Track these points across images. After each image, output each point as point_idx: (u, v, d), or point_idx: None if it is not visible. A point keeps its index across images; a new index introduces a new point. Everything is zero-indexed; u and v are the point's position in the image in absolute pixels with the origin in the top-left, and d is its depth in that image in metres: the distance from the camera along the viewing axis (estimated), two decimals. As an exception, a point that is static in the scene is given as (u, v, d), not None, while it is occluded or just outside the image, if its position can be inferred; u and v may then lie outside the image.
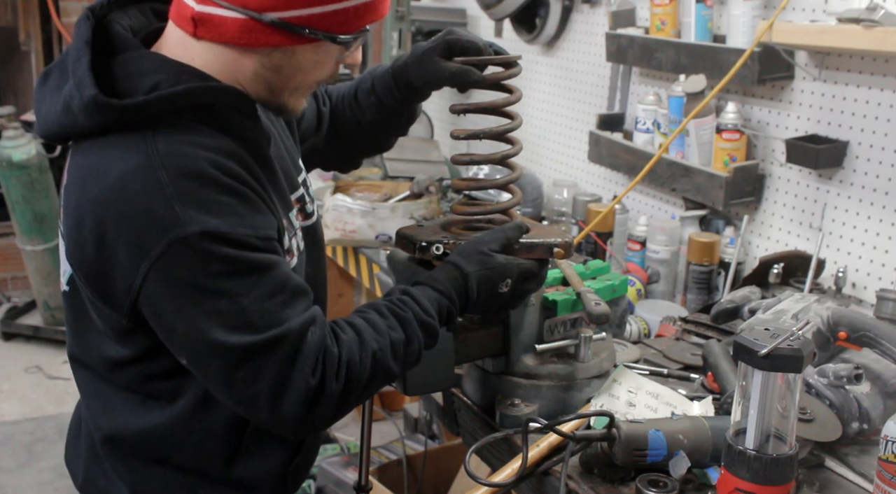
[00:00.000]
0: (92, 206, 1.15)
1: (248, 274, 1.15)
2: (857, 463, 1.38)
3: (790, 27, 2.06)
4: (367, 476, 1.57)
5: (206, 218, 1.12)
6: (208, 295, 1.13)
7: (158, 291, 1.14)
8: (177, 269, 1.12)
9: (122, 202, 1.13)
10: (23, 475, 3.58)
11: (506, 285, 1.34)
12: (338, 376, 1.18)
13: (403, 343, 1.24)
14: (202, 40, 1.20)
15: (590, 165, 3.01)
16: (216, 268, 1.13)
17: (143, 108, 1.16)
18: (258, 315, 1.14)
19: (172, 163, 1.13)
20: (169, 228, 1.11)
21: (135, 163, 1.13)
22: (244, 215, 1.16)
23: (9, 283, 5.33)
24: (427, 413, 3.27)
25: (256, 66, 1.22)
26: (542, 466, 1.38)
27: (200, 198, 1.13)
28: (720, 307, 1.75)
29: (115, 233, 1.14)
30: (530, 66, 3.41)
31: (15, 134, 4.36)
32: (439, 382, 1.45)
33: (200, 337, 1.14)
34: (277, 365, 1.15)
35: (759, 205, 2.36)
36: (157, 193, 1.12)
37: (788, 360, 1.12)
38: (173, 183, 1.12)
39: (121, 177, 1.13)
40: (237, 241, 1.14)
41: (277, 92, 1.27)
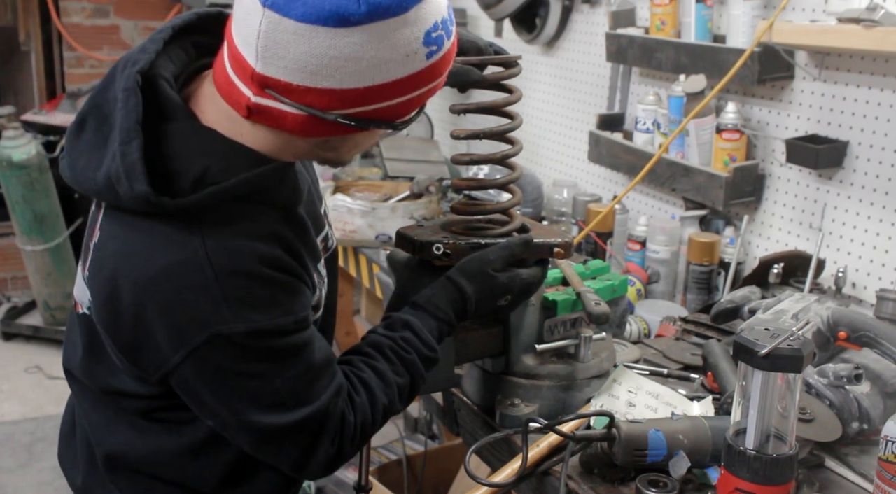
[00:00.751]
0: (132, 287, 1.14)
1: (283, 357, 1.18)
2: (857, 463, 1.38)
3: (790, 27, 2.06)
4: (367, 476, 1.57)
5: (251, 315, 1.13)
6: (243, 378, 1.16)
7: (193, 375, 1.16)
8: (215, 357, 1.14)
9: (167, 293, 1.12)
10: (23, 475, 3.58)
11: (505, 300, 1.37)
12: (353, 440, 1.24)
13: (409, 386, 1.29)
14: (256, 124, 1.17)
15: (590, 165, 3.01)
16: (254, 356, 1.16)
17: (193, 207, 1.13)
18: (289, 394, 1.18)
19: (220, 260, 1.13)
20: (213, 323, 1.12)
21: (181, 258, 1.12)
22: (284, 303, 1.17)
23: (9, 283, 5.33)
24: (427, 413, 3.27)
25: (312, 148, 1.22)
26: (542, 466, 1.38)
27: (246, 296, 1.13)
28: (720, 307, 1.75)
29: (155, 317, 1.13)
30: (530, 66, 3.41)
31: (15, 134, 4.36)
32: (439, 382, 1.45)
33: (232, 415, 1.18)
34: (304, 441, 1.20)
35: (759, 205, 2.36)
36: (203, 291, 1.12)
37: (788, 360, 1.12)
38: (220, 280, 1.12)
39: (165, 269, 1.12)
40: (276, 331, 1.16)
41: (332, 161, 1.29)
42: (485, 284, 1.34)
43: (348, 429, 1.23)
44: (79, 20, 5.16)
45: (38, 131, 4.67)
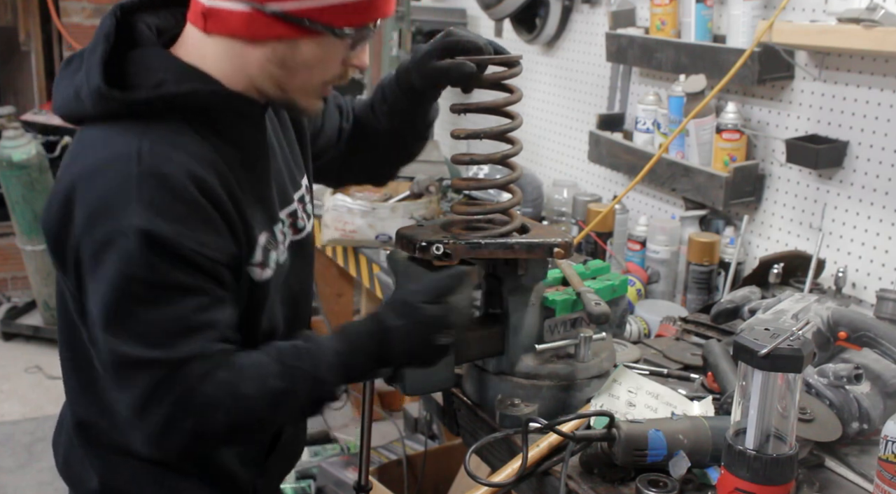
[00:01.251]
0: (70, 178, 1.20)
1: (169, 289, 1.17)
2: (857, 463, 1.38)
3: (790, 27, 2.06)
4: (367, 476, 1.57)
5: (156, 219, 1.15)
6: (122, 294, 1.16)
7: (89, 271, 1.18)
8: (110, 258, 1.16)
9: (93, 182, 1.18)
10: (23, 475, 3.58)
11: (444, 335, 1.28)
12: (191, 412, 1.17)
13: (284, 393, 1.21)
14: (212, 35, 1.24)
15: (590, 165, 3.01)
16: (141, 272, 1.15)
17: (143, 104, 1.21)
18: (153, 331, 1.16)
19: (151, 161, 1.17)
20: (120, 219, 1.15)
21: (117, 152, 1.19)
22: (196, 229, 1.18)
23: (9, 283, 5.33)
24: (427, 413, 3.27)
25: (262, 61, 1.24)
26: (542, 466, 1.38)
27: (158, 201, 1.16)
28: (720, 307, 1.75)
29: (78, 206, 1.18)
30: (530, 65, 3.41)
31: (15, 134, 4.36)
32: (439, 382, 1.45)
33: (101, 325, 1.18)
34: (144, 386, 1.16)
35: (759, 205, 2.36)
36: (123, 185, 1.16)
37: (788, 360, 1.12)
38: (140, 178, 1.16)
39: (102, 160, 1.19)
40: (175, 251, 1.16)
41: (286, 89, 1.28)
42: (413, 318, 1.26)
43: (193, 398, 1.17)
44: (79, 20, 5.16)
45: (38, 131, 4.67)
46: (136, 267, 1.15)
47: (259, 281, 1.31)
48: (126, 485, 1.37)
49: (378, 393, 3.65)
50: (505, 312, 1.48)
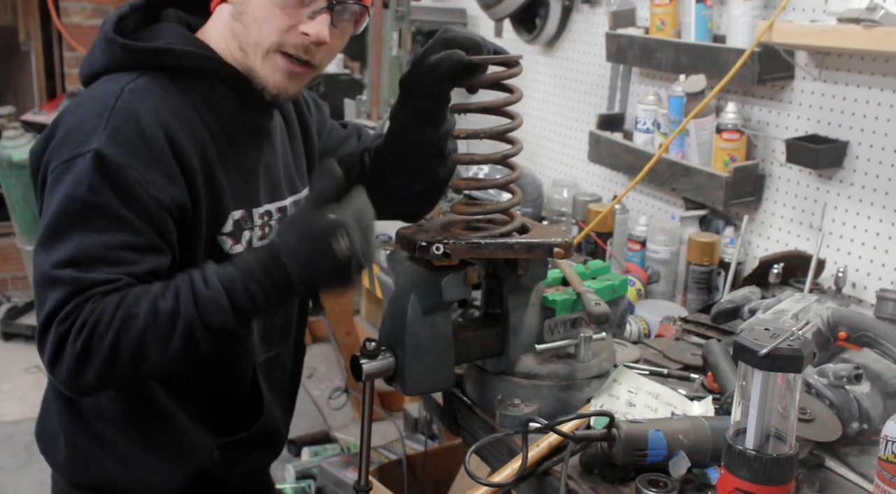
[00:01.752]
0: (61, 112, 1.31)
1: (103, 216, 1.21)
2: (857, 463, 1.38)
3: (790, 27, 2.06)
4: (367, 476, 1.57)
5: (112, 146, 1.22)
6: (62, 212, 1.21)
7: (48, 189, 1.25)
8: (65, 179, 1.22)
9: (75, 113, 1.28)
10: (23, 475, 3.58)
11: (341, 237, 1.20)
12: (79, 332, 1.17)
13: (169, 312, 1.18)
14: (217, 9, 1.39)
15: (590, 165, 3.01)
16: (83, 192, 1.20)
17: (140, 51, 1.32)
18: (76, 253, 1.20)
19: (128, 98, 1.27)
20: (83, 143, 1.23)
21: (105, 91, 1.29)
22: (147, 167, 1.24)
23: (9, 283, 5.33)
24: (427, 413, 3.27)
25: (228, 17, 1.35)
26: (542, 466, 1.38)
27: (121, 131, 1.23)
28: (720, 307, 1.75)
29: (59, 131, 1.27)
30: (530, 65, 3.41)
31: (15, 134, 4.36)
32: (439, 382, 1.45)
33: (38, 241, 1.23)
34: (51, 304, 1.19)
35: (759, 205, 2.36)
36: (97, 115, 1.25)
37: (788, 360, 1.12)
38: (113, 112, 1.24)
39: (89, 97, 1.30)
40: (120, 180, 1.21)
41: (246, 50, 1.34)
42: (294, 227, 1.23)
43: (81, 317, 1.17)
44: (79, 20, 5.17)
45: (38, 131, 4.68)
46: (81, 187, 1.21)
47: (230, 253, 1.37)
48: (88, 445, 1.41)
49: (378, 393, 3.65)
50: (505, 312, 1.48)
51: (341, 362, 4.22)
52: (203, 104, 1.35)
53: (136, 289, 1.21)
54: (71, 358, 1.18)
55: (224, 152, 1.36)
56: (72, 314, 1.18)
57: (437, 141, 1.57)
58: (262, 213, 1.43)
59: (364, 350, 1.40)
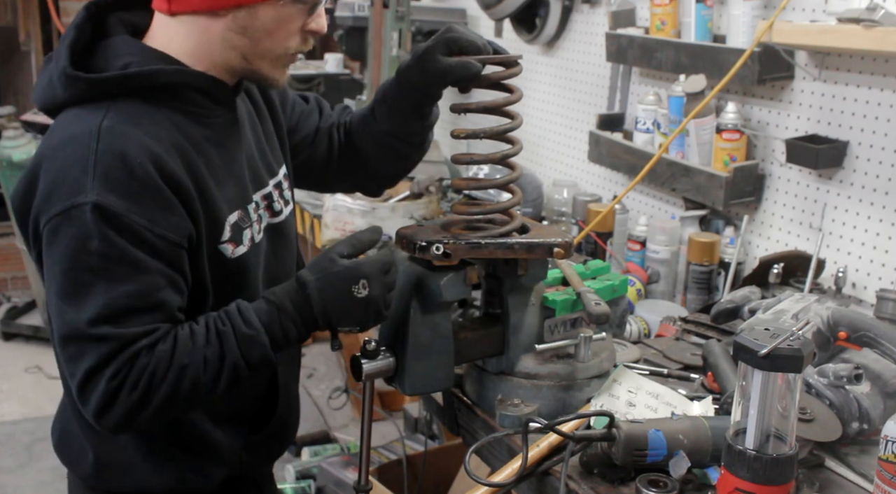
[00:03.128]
0: (37, 156, 1.26)
1: (120, 265, 1.20)
2: (857, 463, 1.38)
3: (790, 27, 2.06)
4: (367, 476, 1.57)
5: (108, 194, 1.19)
6: (77, 267, 1.19)
7: (46, 244, 1.23)
8: (65, 232, 1.20)
9: (55, 160, 1.23)
10: (23, 475, 3.58)
11: (363, 287, 1.30)
12: (136, 386, 1.21)
13: (217, 357, 1.25)
14: (177, 16, 1.30)
15: (590, 165, 3.01)
16: (94, 245, 1.19)
17: (107, 82, 1.26)
18: (105, 307, 1.19)
19: (108, 138, 1.22)
20: (75, 193, 1.19)
21: (80, 130, 1.23)
22: (147, 206, 1.21)
23: (9, 283, 5.33)
24: (427, 413, 3.27)
25: (225, 32, 1.29)
26: (542, 466, 1.38)
27: (112, 176, 1.20)
28: (720, 307, 1.75)
29: (40, 182, 1.23)
30: (530, 66, 3.41)
31: (15, 134, 4.37)
32: (439, 382, 1.45)
33: (56, 297, 1.22)
34: (92, 361, 1.19)
35: (759, 205, 2.36)
36: (81, 161, 1.20)
37: (788, 360, 1.12)
38: (97, 155, 1.20)
39: (65, 139, 1.24)
40: (126, 227, 1.19)
41: (250, 58, 1.32)
42: (324, 270, 1.30)
43: (136, 370, 1.20)
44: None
45: (38, 131, 4.68)
46: (91, 240, 1.19)
47: (233, 257, 1.36)
48: (118, 456, 1.40)
49: (378, 393, 3.65)
50: (505, 312, 1.48)
51: (341, 362, 4.22)
52: (181, 116, 1.31)
53: (181, 336, 1.24)
54: (125, 408, 1.21)
55: (212, 160, 1.34)
56: (122, 370, 1.20)
57: (422, 132, 1.60)
58: (255, 206, 1.42)
59: (364, 350, 1.40)
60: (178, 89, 1.30)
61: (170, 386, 1.23)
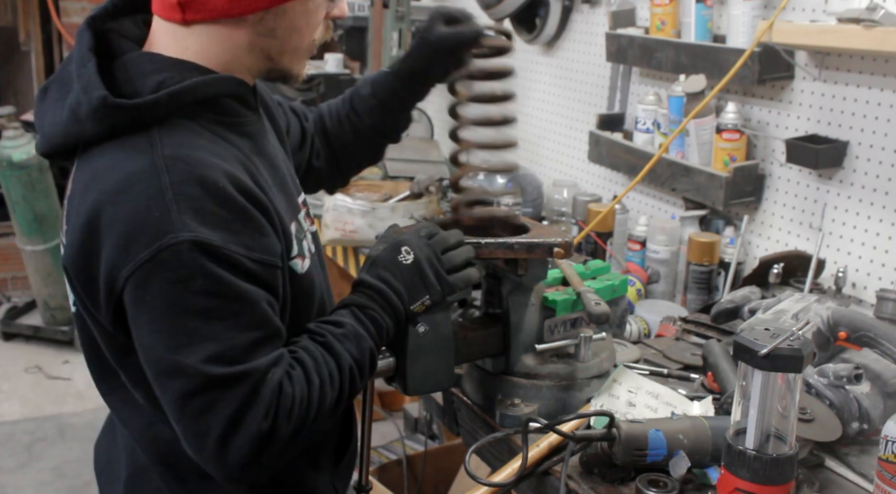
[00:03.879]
0: (89, 207, 1.11)
1: (231, 300, 1.11)
2: (857, 463, 1.38)
3: (790, 27, 2.06)
4: (367, 476, 1.57)
5: (201, 228, 1.08)
6: (184, 312, 1.09)
7: (136, 298, 1.10)
8: (159, 277, 1.08)
9: (121, 203, 1.09)
10: (23, 475, 3.58)
11: (406, 253, 1.31)
12: (289, 418, 1.14)
13: (336, 368, 1.22)
14: (192, 25, 1.19)
15: (590, 165, 3.01)
16: (199, 285, 1.08)
17: (154, 107, 1.14)
18: (229, 346, 1.10)
19: (177, 167, 1.10)
20: (161, 234, 1.07)
21: (140, 166, 1.11)
22: (241, 233, 1.12)
23: (9, 283, 5.33)
24: (427, 413, 3.27)
25: (251, 37, 1.22)
26: (542, 466, 1.38)
27: (199, 207, 1.09)
28: (720, 307, 1.75)
29: (105, 232, 1.10)
30: (530, 66, 3.41)
31: (15, 134, 4.36)
32: (439, 382, 1.45)
33: (166, 352, 1.09)
34: (235, 404, 1.10)
35: (759, 205, 2.36)
36: (156, 197, 1.08)
37: (788, 360, 1.12)
38: (174, 188, 1.09)
39: (123, 179, 1.10)
40: (227, 259, 1.10)
41: (277, 58, 1.26)
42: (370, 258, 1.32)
43: (285, 402, 1.13)
44: (79, 20, 5.16)
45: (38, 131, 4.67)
46: (191, 281, 1.08)
47: (302, 273, 1.28)
48: None
49: (378, 393, 3.65)
50: (505, 312, 1.48)
51: (341, 362, 4.21)
52: (222, 128, 1.22)
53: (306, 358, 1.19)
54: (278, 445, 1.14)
55: (261, 171, 1.25)
56: (272, 404, 1.12)
57: (407, 123, 1.61)
58: (303, 215, 1.36)
59: (364, 350, 1.40)
60: (215, 99, 1.21)
61: (315, 408, 1.17)
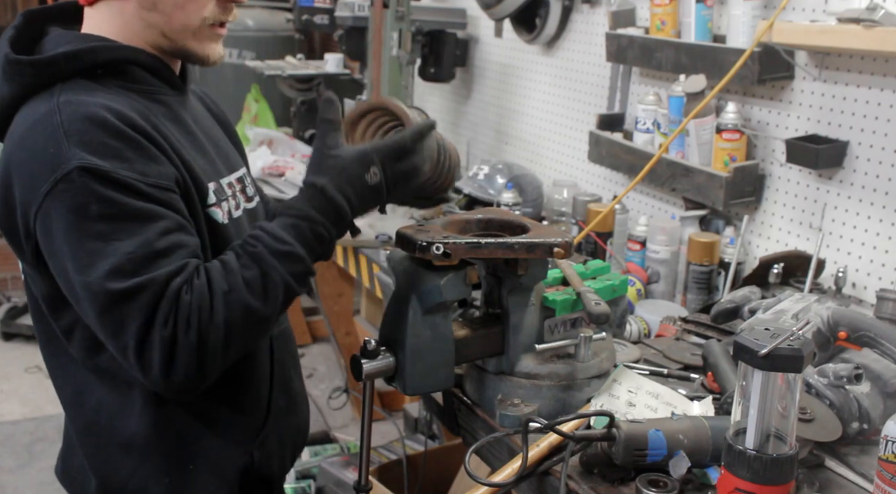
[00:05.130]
0: (3, 159, 1.24)
1: (127, 219, 1.17)
2: (857, 463, 1.38)
3: (790, 27, 2.06)
4: (367, 476, 1.57)
5: (90, 157, 1.16)
6: (84, 236, 1.16)
7: (44, 231, 1.19)
8: (59, 207, 1.16)
9: (25, 148, 1.21)
10: (23, 475, 3.58)
11: (374, 174, 1.31)
12: (189, 324, 1.16)
13: (259, 277, 1.22)
14: (94, 4, 1.33)
15: (590, 165, 3.01)
16: (94, 209, 1.16)
17: (51, 64, 1.25)
18: (127, 260, 1.15)
19: (69, 108, 1.20)
20: (56, 167, 1.16)
21: (41, 114, 1.22)
22: (131, 159, 1.19)
23: (9, 283, 5.33)
24: (427, 413, 3.27)
25: (138, 10, 1.31)
26: (542, 466, 1.38)
27: (88, 139, 1.18)
28: (720, 307, 1.75)
29: (16, 177, 1.21)
30: (530, 66, 3.42)
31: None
32: (439, 382, 1.45)
33: (75, 276, 1.17)
34: (141, 316, 1.15)
35: (759, 205, 2.36)
36: (51, 136, 1.18)
37: (788, 360, 1.12)
38: (66, 124, 1.18)
39: (28, 127, 1.22)
40: (118, 182, 1.17)
41: (171, 36, 1.33)
42: (332, 168, 1.29)
43: (183, 309, 1.16)
44: (79, 20, 5.16)
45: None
46: (90, 206, 1.16)
47: (222, 223, 1.35)
48: (127, 481, 1.37)
49: (378, 393, 3.66)
50: (505, 312, 1.48)
51: (341, 362, 4.22)
52: (132, 93, 1.30)
53: (213, 267, 1.21)
54: (188, 356, 1.16)
55: (177, 132, 1.33)
56: (170, 313, 1.15)
57: None
58: (229, 184, 1.42)
59: (364, 350, 1.40)
60: (123, 67, 1.30)
61: (222, 317, 1.18)
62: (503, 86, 3.62)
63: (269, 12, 5.27)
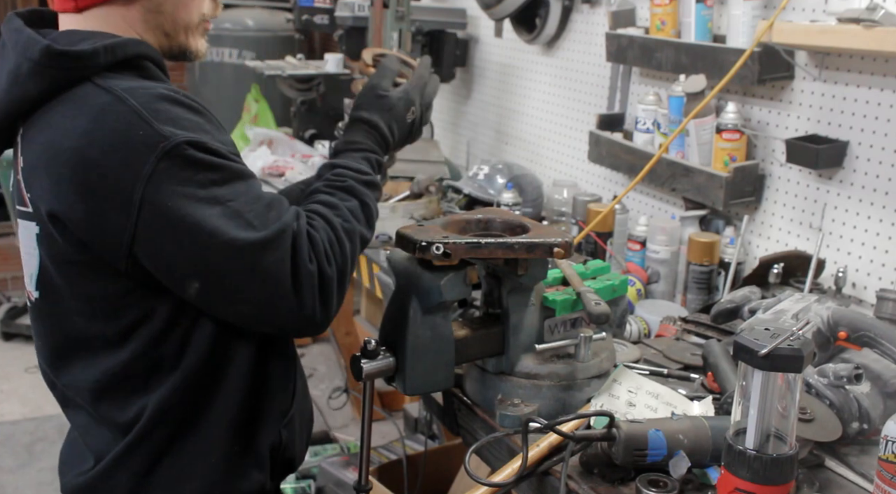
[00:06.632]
0: (70, 159, 1.18)
1: (234, 180, 1.23)
2: (857, 463, 1.38)
3: (790, 27, 2.06)
4: (367, 476, 1.57)
5: (183, 132, 1.18)
6: (204, 204, 1.18)
7: (155, 211, 1.17)
8: (170, 183, 1.16)
9: (102, 138, 1.16)
10: (23, 475, 3.58)
11: (412, 113, 1.50)
12: (328, 257, 1.27)
13: (360, 207, 1.36)
14: (87, 10, 1.30)
15: (590, 165, 3.01)
16: (205, 177, 1.19)
17: (93, 56, 1.22)
18: (254, 215, 1.22)
19: (137, 93, 1.19)
20: (154, 145, 1.15)
21: (102, 104, 1.19)
22: (211, 131, 1.24)
23: (9, 283, 5.33)
24: (427, 413, 3.27)
25: (143, 14, 1.32)
26: (542, 466, 1.38)
27: (173, 116, 1.19)
28: (720, 307, 1.75)
29: (101, 169, 1.16)
30: (530, 66, 3.42)
31: (15, 134, 4.36)
32: (439, 382, 1.45)
33: (210, 243, 1.18)
34: (288, 257, 1.22)
35: (759, 205, 2.36)
36: (133, 120, 1.16)
37: (788, 360, 1.12)
38: (145, 107, 1.18)
39: (91, 119, 1.18)
40: (213, 151, 1.21)
41: (172, 34, 1.36)
42: (384, 107, 1.47)
43: (319, 245, 1.26)
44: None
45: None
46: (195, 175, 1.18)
47: None
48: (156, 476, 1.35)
49: (378, 393, 3.65)
50: (505, 312, 1.48)
51: (341, 362, 4.22)
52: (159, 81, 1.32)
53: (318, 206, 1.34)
54: (334, 284, 1.27)
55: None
56: (310, 251, 1.25)
57: None
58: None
59: (364, 350, 1.40)
60: (142, 62, 1.30)
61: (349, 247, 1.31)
62: (503, 86, 3.62)
63: (269, 12, 5.27)
